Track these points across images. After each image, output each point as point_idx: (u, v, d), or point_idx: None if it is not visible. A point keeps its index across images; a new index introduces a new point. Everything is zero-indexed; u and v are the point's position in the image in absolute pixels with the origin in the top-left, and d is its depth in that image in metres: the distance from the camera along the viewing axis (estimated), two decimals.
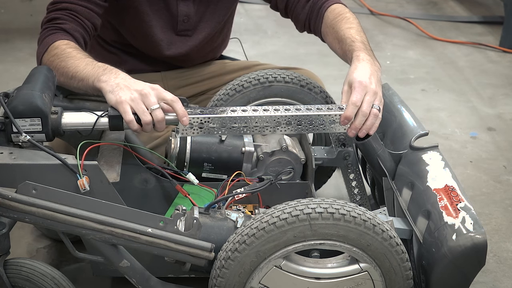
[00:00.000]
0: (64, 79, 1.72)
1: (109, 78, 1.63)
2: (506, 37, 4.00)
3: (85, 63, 1.68)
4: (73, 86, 1.71)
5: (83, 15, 1.83)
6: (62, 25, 1.80)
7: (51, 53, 1.74)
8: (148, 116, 1.58)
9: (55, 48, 1.74)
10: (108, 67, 1.67)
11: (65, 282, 1.57)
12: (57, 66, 1.72)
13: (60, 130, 1.59)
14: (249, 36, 3.76)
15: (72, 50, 1.73)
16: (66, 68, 1.70)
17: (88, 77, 1.65)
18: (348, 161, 1.97)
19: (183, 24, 2.05)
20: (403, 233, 1.62)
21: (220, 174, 1.84)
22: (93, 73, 1.65)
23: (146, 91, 1.60)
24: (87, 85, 1.66)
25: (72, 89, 1.75)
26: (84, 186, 1.48)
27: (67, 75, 1.70)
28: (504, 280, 2.00)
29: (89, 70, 1.66)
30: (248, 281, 1.48)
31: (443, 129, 2.98)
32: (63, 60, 1.71)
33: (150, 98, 1.59)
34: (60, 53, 1.73)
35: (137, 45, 2.09)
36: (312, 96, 1.97)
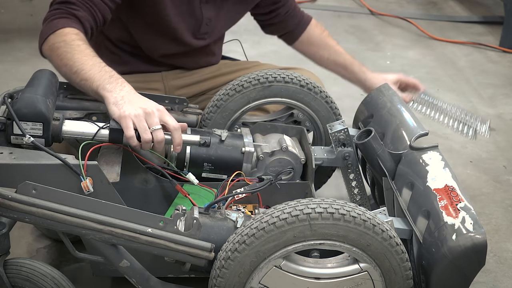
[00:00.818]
0: (66, 70, 1.70)
1: (114, 88, 1.62)
2: (506, 37, 4.00)
3: (92, 63, 1.67)
4: (74, 81, 1.70)
5: (97, 7, 1.82)
6: (75, 12, 1.78)
7: (59, 37, 1.72)
8: (148, 135, 1.58)
9: (65, 35, 1.72)
10: (114, 74, 1.66)
11: (65, 282, 1.57)
12: (62, 54, 1.70)
13: (60, 137, 1.60)
14: (249, 36, 3.75)
15: (81, 43, 1.71)
16: (72, 61, 1.67)
17: (93, 80, 1.64)
18: (348, 161, 1.97)
19: (206, 27, 2.06)
20: (403, 233, 1.62)
21: (220, 174, 1.84)
22: (98, 78, 1.63)
23: (150, 110, 1.59)
24: (89, 87, 1.65)
25: (70, 83, 1.74)
26: (88, 188, 1.48)
27: (70, 68, 1.68)
28: (504, 280, 2.00)
29: (95, 72, 1.65)
30: (248, 281, 1.48)
31: (443, 129, 2.98)
32: (70, 52, 1.69)
33: (153, 118, 1.59)
34: (69, 42, 1.70)
35: (145, 45, 2.09)
36: (312, 96, 1.98)
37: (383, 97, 1.99)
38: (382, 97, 1.99)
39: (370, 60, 3.82)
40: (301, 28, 2.34)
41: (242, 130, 1.94)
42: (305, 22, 2.35)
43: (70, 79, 1.71)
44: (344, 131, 1.94)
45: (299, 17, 2.34)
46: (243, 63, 2.36)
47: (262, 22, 2.34)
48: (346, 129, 1.94)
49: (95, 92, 1.64)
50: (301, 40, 2.36)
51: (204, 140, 1.73)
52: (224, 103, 1.94)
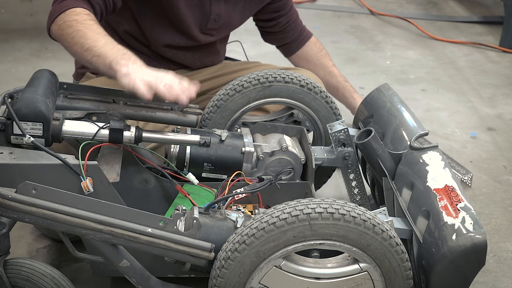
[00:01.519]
0: (77, 48, 1.71)
1: (127, 63, 1.64)
2: (506, 37, 4.00)
3: (104, 41, 1.69)
4: (85, 58, 1.71)
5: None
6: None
7: (70, 16, 1.73)
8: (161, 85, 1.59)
9: (76, 14, 1.74)
10: (127, 52, 1.68)
11: (65, 282, 1.57)
12: (73, 32, 1.71)
13: (60, 137, 1.61)
14: (249, 36, 3.75)
15: (93, 23, 1.73)
16: (84, 39, 1.69)
17: (106, 56, 1.66)
18: (348, 161, 1.97)
19: (213, 23, 2.07)
20: (403, 233, 1.62)
21: (220, 174, 1.84)
22: (112, 54, 1.65)
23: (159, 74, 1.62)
24: (102, 63, 1.66)
25: (81, 60, 1.76)
26: (88, 188, 1.48)
27: (82, 46, 1.69)
28: (504, 280, 2.00)
29: (108, 49, 1.67)
30: (248, 281, 1.48)
31: (443, 129, 2.98)
32: (81, 29, 1.70)
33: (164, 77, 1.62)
34: (81, 21, 1.72)
35: (152, 36, 2.09)
36: (312, 96, 1.98)
37: (383, 97, 1.99)
38: (382, 97, 1.99)
39: (370, 60, 3.82)
40: (300, 43, 2.40)
41: (242, 130, 1.94)
42: (305, 37, 2.41)
43: (82, 56, 1.72)
44: (344, 131, 1.94)
45: (299, 31, 2.39)
46: (244, 63, 2.36)
47: (262, 29, 2.39)
48: (346, 129, 1.94)
49: (108, 67, 1.65)
50: (298, 55, 2.42)
51: (204, 140, 1.73)
52: (224, 103, 1.94)
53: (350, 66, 3.72)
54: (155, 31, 2.07)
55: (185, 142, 1.74)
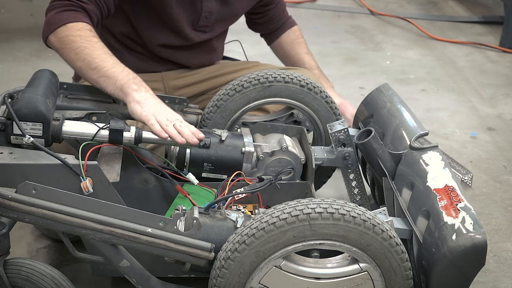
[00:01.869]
0: (82, 65, 1.74)
1: (139, 88, 1.71)
2: (506, 37, 4.00)
3: (112, 62, 1.73)
4: (91, 77, 1.74)
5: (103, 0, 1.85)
6: (84, 5, 1.81)
7: (73, 31, 1.75)
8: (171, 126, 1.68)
9: (79, 29, 1.75)
10: (137, 77, 1.74)
11: (65, 282, 1.57)
12: (78, 48, 1.73)
13: (60, 137, 1.61)
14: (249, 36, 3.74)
15: (98, 41, 1.76)
16: (91, 57, 1.72)
17: (117, 79, 1.71)
18: (348, 161, 1.97)
19: (205, 20, 2.07)
20: (403, 233, 1.62)
21: (220, 174, 1.84)
22: (122, 77, 1.71)
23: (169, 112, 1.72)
24: (112, 84, 1.71)
25: (85, 77, 1.77)
26: (88, 188, 1.48)
27: (89, 64, 1.72)
28: (504, 280, 2.00)
29: (118, 72, 1.72)
30: (248, 281, 1.48)
31: (443, 129, 2.98)
32: (88, 47, 1.73)
33: (173, 116, 1.70)
34: (86, 37, 1.74)
35: (147, 37, 2.09)
36: (312, 96, 1.97)
37: (383, 97, 1.99)
38: (382, 97, 1.99)
39: (370, 60, 3.82)
40: (280, 32, 2.42)
41: (242, 130, 1.94)
42: (286, 27, 2.42)
43: (87, 73, 1.75)
44: (344, 131, 1.94)
45: (282, 21, 2.41)
46: (243, 63, 2.36)
47: (249, 18, 2.42)
48: (346, 129, 1.94)
49: (119, 90, 1.71)
50: (276, 43, 2.44)
51: (204, 142, 1.73)
52: (224, 103, 1.94)
53: (350, 66, 3.72)
54: (150, 31, 2.08)
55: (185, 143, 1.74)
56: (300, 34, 2.45)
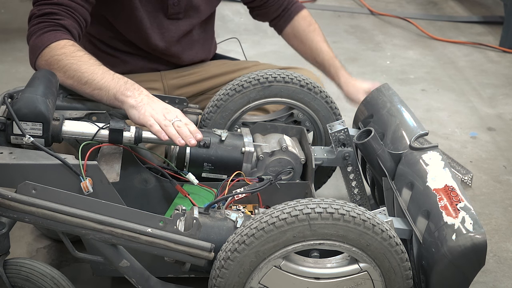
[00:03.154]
0: (73, 83, 1.73)
1: (133, 93, 1.70)
2: (506, 37, 4.00)
3: (101, 72, 1.72)
4: (84, 92, 1.74)
5: (78, 12, 1.83)
6: (61, 21, 1.79)
7: (57, 51, 1.74)
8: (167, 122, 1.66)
9: (62, 47, 1.74)
10: (128, 80, 1.72)
11: (65, 282, 1.57)
12: (65, 66, 1.72)
13: (60, 137, 1.61)
14: (249, 36, 3.75)
15: (82, 54, 1.75)
16: (80, 72, 1.71)
17: (109, 88, 1.70)
18: (348, 161, 1.97)
19: (174, 8, 2.06)
20: (402, 233, 1.62)
21: (220, 174, 1.84)
22: (114, 85, 1.70)
23: (167, 109, 1.70)
24: (105, 95, 1.71)
25: (80, 93, 1.77)
26: (88, 188, 1.48)
27: (79, 80, 1.72)
28: (504, 280, 2.00)
29: (108, 80, 1.71)
30: (248, 281, 1.48)
31: (443, 129, 2.98)
32: (74, 63, 1.72)
33: (171, 113, 1.68)
34: (70, 54, 1.73)
35: (132, 37, 2.09)
36: (312, 96, 1.98)
37: (383, 97, 1.99)
38: (382, 97, 1.99)
39: (370, 60, 3.82)
40: (287, 18, 2.30)
41: (242, 130, 1.94)
42: (292, 12, 2.29)
43: (79, 90, 1.74)
44: (344, 131, 1.94)
45: (286, 5, 2.29)
46: (243, 63, 2.36)
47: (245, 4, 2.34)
48: (346, 129, 1.95)
49: (113, 99, 1.70)
50: (287, 32, 2.32)
51: (204, 141, 1.73)
52: (224, 103, 1.94)
53: (350, 66, 3.72)
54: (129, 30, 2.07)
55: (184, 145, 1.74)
56: (312, 20, 2.31)
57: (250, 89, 1.94)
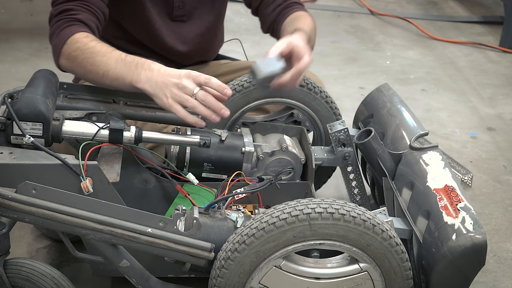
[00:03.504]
0: (93, 77, 1.73)
1: (145, 76, 1.66)
2: (506, 37, 4.00)
3: (114, 60, 1.70)
4: (104, 83, 1.73)
5: (94, 4, 1.83)
6: (77, 16, 1.79)
7: (72, 46, 1.74)
8: (192, 101, 1.63)
9: (76, 42, 1.74)
10: (137, 61, 1.69)
11: (65, 282, 1.57)
12: (82, 62, 1.72)
13: (60, 137, 1.61)
14: (249, 36, 3.76)
15: (95, 44, 1.73)
16: (95, 66, 1.70)
17: (124, 77, 1.68)
18: (348, 161, 1.97)
19: (179, 10, 2.06)
20: (403, 233, 1.62)
21: (220, 174, 1.84)
22: (127, 73, 1.68)
23: (179, 80, 1.64)
24: (123, 84, 1.69)
25: (102, 86, 1.77)
26: (88, 188, 1.48)
27: (96, 73, 1.71)
28: (504, 280, 2.00)
29: (121, 68, 1.69)
30: (248, 281, 1.48)
31: (443, 129, 2.98)
32: (89, 57, 1.71)
33: (187, 86, 1.63)
34: (84, 48, 1.72)
35: (138, 36, 2.09)
36: (312, 96, 1.97)
37: (383, 97, 1.99)
38: (382, 97, 1.99)
39: (370, 60, 3.82)
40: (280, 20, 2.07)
41: (242, 130, 1.94)
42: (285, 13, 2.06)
43: (100, 82, 1.74)
44: (344, 131, 1.94)
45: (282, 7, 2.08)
46: (243, 63, 2.36)
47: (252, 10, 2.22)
48: (346, 129, 1.94)
49: (131, 87, 1.69)
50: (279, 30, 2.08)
51: (204, 141, 1.73)
52: (224, 103, 1.94)
53: (350, 66, 3.73)
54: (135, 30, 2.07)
55: (185, 142, 1.74)
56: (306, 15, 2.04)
57: (250, 89, 1.94)
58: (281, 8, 2.07)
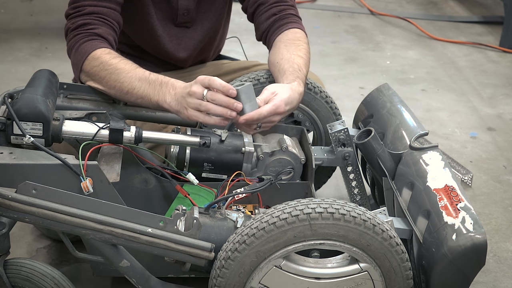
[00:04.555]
0: (116, 93, 1.77)
1: (170, 97, 1.70)
2: (506, 37, 4.00)
3: (138, 79, 1.73)
4: (129, 99, 1.78)
5: (110, 17, 1.84)
6: (95, 30, 1.80)
7: (93, 62, 1.76)
8: (205, 104, 1.64)
9: (97, 58, 1.76)
10: (162, 80, 1.73)
11: (65, 282, 1.57)
12: (105, 77, 1.75)
13: (60, 137, 1.61)
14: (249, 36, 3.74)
15: (118, 61, 1.76)
16: (119, 83, 1.74)
17: (150, 97, 1.72)
18: (348, 161, 1.97)
19: (183, 17, 2.06)
20: (403, 233, 1.62)
21: (220, 174, 1.84)
22: (153, 93, 1.72)
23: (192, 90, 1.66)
24: (149, 102, 1.73)
25: (126, 101, 1.82)
26: (88, 188, 1.48)
27: (121, 90, 1.75)
28: (504, 280, 2.00)
29: (146, 87, 1.73)
30: (248, 281, 1.48)
31: (443, 129, 2.98)
32: (112, 73, 1.74)
33: (197, 91, 1.65)
34: (106, 64, 1.75)
35: (141, 43, 2.09)
36: (312, 96, 1.97)
37: (383, 97, 1.99)
38: (382, 97, 1.99)
39: (370, 60, 3.82)
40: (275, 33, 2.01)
41: None
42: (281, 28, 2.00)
43: (125, 98, 1.79)
44: (344, 131, 1.94)
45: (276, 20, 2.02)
46: (243, 63, 2.36)
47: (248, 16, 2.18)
48: (346, 129, 1.94)
49: (158, 106, 1.73)
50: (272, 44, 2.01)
51: (204, 141, 1.73)
52: None
53: (350, 66, 3.73)
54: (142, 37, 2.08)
55: (186, 142, 1.74)
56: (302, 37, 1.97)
57: None
58: (275, 18, 2.01)
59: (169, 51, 2.10)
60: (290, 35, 1.97)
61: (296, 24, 2.01)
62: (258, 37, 2.10)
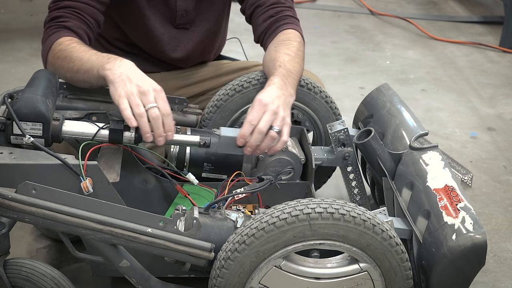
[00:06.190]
0: (70, 74, 1.73)
1: (113, 65, 1.63)
2: (506, 37, 4.00)
3: (89, 55, 1.69)
4: (78, 79, 1.72)
5: (85, 12, 1.83)
6: (65, 23, 1.79)
7: (55, 50, 1.74)
8: (140, 110, 1.57)
9: (59, 45, 1.74)
10: (112, 56, 1.67)
11: (65, 282, 1.57)
12: (62, 63, 1.72)
13: (60, 137, 1.61)
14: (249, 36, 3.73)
15: (75, 45, 1.73)
16: (72, 62, 1.70)
17: (93, 67, 1.65)
18: (348, 161, 1.97)
19: (182, 19, 2.06)
20: (403, 233, 1.62)
21: (220, 174, 1.84)
22: (97, 63, 1.65)
23: (145, 88, 1.59)
24: (92, 75, 1.66)
25: (78, 84, 1.76)
26: (88, 188, 1.48)
27: (72, 70, 1.70)
28: (504, 280, 2.00)
29: (94, 59, 1.67)
30: (248, 281, 1.48)
31: (443, 129, 2.98)
32: (67, 56, 1.71)
33: (148, 97, 1.59)
34: (64, 49, 1.73)
35: (139, 42, 2.09)
36: (311, 96, 1.97)
37: (383, 97, 1.99)
38: (382, 97, 1.99)
39: (370, 60, 3.82)
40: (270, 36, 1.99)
41: None
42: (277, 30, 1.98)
43: (75, 79, 1.73)
44: (344, 131, 1.94)
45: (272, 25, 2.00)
46: (243, 63, 2.36)
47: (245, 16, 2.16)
48: (346, 129, 1.94)
49: (97, 77, 1.65)
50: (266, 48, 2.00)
51: (204, 141, 1.73)
52: (224, 103, 1.94)
53: (350, 66, 3.73)
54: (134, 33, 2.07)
55: (185, 142, 1.74)
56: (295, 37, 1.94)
57: (250, 89, 1.94)
58: (272, 21, 2.00)
59: (168, 52, 2.10)
60: (282, 36, 1.95)
61: (291, 25, 1.98)
62: (255, 39, 2.09)
